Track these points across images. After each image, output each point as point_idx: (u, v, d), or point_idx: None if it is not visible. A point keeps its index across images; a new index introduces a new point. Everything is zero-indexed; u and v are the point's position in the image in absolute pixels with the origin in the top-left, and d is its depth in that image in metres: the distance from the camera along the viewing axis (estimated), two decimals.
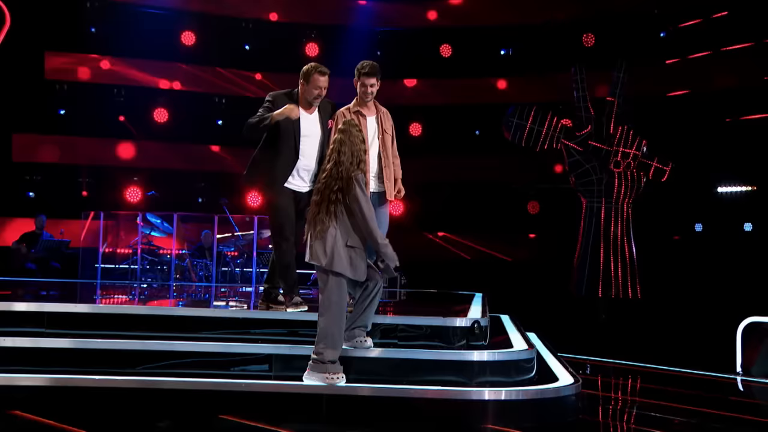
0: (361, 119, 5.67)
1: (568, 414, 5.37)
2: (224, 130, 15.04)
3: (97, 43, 14.43)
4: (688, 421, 5.65)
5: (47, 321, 5.69)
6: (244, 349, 5.20)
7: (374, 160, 5.70)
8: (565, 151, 12.23)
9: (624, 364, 8.63)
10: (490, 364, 5.36)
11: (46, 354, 5.29)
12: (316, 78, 5.57)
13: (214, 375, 5.04)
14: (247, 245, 11.61)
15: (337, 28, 15.27)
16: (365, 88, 5.72)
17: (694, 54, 13.47)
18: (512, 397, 5.13)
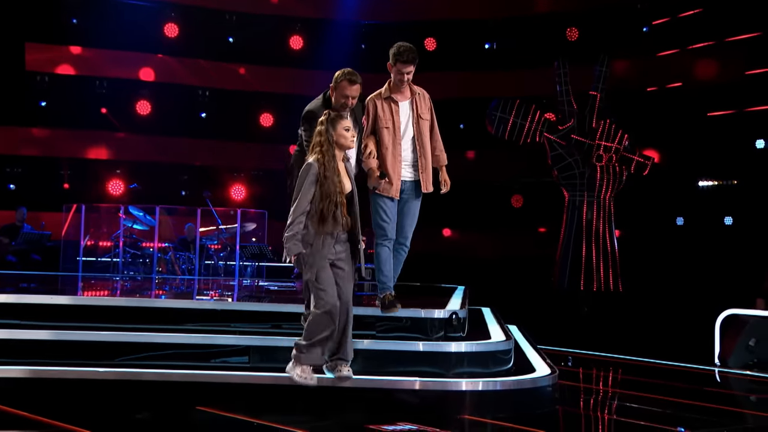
0: (393, 106, 5.34)
1: (544, 404, 5.47)
2: (207, 122, 15.02)
3: (79, 35, 14.37)
4: (663, 411, 5.74)
5: (26, 312, 5.70)
6: (223, 340, 5.25)
7: (408, 148, 5.36)
8: (548, 144, 12.31)
9: (605, 356, 8.74)
10: (468, 355, 5.44)
11: (24, 346, 5.30)
12: (343, 86, 5.15)
13: (193, 366, 5.08)
14: (230, 238, 11.62)
15: (321, 21, 15.28)
16: (401, 76, 5.29)
17: (674, 49, 13.57)
18: (489, 388, 5.21)
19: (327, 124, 4.82)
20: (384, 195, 5.35)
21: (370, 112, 5.34)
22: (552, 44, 14.23)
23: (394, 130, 5.29)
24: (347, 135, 4.86)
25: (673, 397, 6.42)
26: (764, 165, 12.42)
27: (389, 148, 5.29)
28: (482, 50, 15.42)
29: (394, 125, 5.30)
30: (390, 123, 5.29)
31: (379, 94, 5.38)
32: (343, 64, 16.98)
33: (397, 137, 5.30)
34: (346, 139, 4.85)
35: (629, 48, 13.75)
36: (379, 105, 5.32)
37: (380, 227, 5.39)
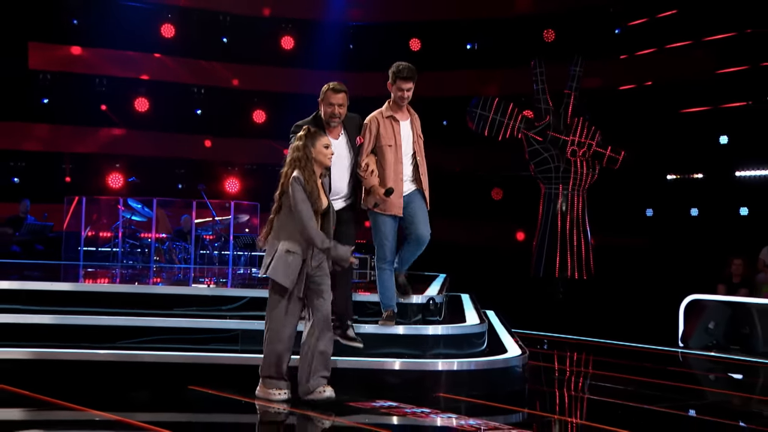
0: (395, 125, 5.20)
1: (515, 383, 5.59)
2: (203, 119, 15.04)
3: (80, 35, 14.33)
4: (625, 388, 5.90)
5: (30, 298, 5.75)
6: (215, 325, 5.33)
7: (409, 165, 5.24)
8: (525, 140, 12.43)
9: (577, 338, 8.89)
10: (444, 338, 5.54)
11: (28, 329, 5.35)
12: (329, 95, 5.04)
13: (186, 349, 5.15)
14: (224, 229, 11.69)
15: (311, 23, 15.31)
16: (401, 93, 5.15)
17: (646, 49, 13.69)
18: (464, 368, 5.32)
19: (306, 139, 4.65)
20: (385, 214, 5.19)
21: (372, 131, 5.17)
22: (530, 45, 14.30)
23: (396, 148, 5.17)
24: (326, 152, 4.68)
25: (637, 376, 6.58)
26: (727, 160, 12.58)
27: (392, 166, 5.15)
28: (464, 50, 15.49)
29: (396, 143, 5.17)
30: (392, 141, 5.17)
31: (380, 113, 5.23)
32: (332, 63, 17.09)
33: (398, 155, 5.17)
34: (324, 156, 4.67)
35: (602, 48, 13.85)
36: (381, 123, 5.18)
37: (380, 246, 5.25)
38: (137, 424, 4.12)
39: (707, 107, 12.86)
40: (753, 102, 12.30)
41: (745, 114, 12.36)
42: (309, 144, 4.63)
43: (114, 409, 4.37)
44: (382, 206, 5.15)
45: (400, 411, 4.59)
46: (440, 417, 4.55)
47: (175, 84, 14.72)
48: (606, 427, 4.54)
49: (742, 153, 12.34)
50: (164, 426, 4.09)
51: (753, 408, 5.74)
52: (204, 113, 15.01)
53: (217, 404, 4.70)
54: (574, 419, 4.83)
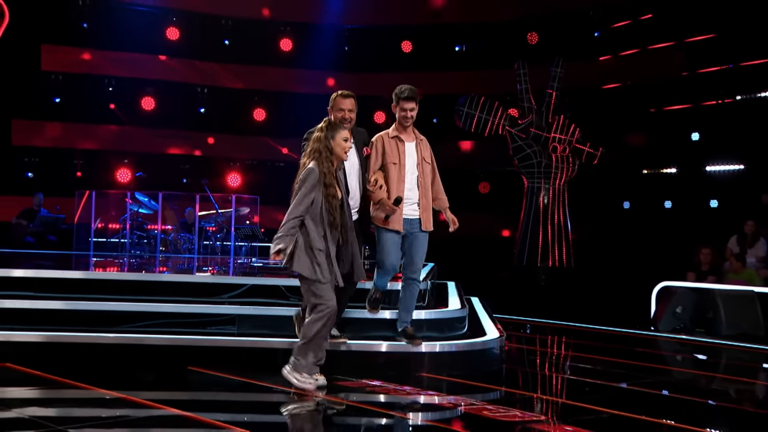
0: (400, 145, 5.11)
1: (493, 363, 5.71)
2: (206, 117, 15.09)
3: (90, 38, 14.34)
4: (594, 368, 6.02)
5: (43, 285, 5.83)
6: (214, 310, 5.42)
7: (413, 188, 5.12)
8: (509, 137, 12.51)
9: (557, 323, 9.01)
10: (427, 322, 5.66)
11: (41, 314, 5.45)
12: (338, 101, 5.03)
13: (187, 332, 5.24)
14: (226, 221, 11.77)
15: (308, 26, 15.34)
16: (405, 113, 5.09)
17: (624, 51, 13.77)
18: (445, 350, 5.43)
19: (326, 130, 4.49)
20: (388, 228, 5.07)
21: (378, 148, 5.10)
22: (515, 47, 14.37)
23: (400, 167, 5.07)
24: (344, 145, 4.52)
25: (607, 357, 6.70)
26: (699, 156, 12.68)
27: (394, 183, 5.04)
28: (453, 52, 15.55)
29: (400, 162, 5.07)
30: (397, 159, 5.07)
31: (386, 133, 5.17)
32: (327, 64, 17.06)
33: (401, 173, 5.07)
34: (342, 150, 4.51)
35: (582, 50, 13.93)
36: (387, 142, 5.11)
37: (381, 262, 5.15)
38: (141, 402, 4.21)
39: (680, 106, 12.96)
40: (722, 101, 12.40)
41: (715, 112, 12.46)
42: (329, 135, 4.48)
43: (120, 387, 4.46)
44: (386, 221, 5.02)
45: (385, 389, 4.70)
46: (423, 395, 4.66)
47: (179, 84, 14.75)
48: (572, 402, 4.66)
49: (712, 149, 12.44)
50: (166, 403, 4.20)
51: (713, 386, 5.87)
52: (207, 112, 15.05)
53: (214, 383, 4.80)
54: (545, 396, 4.95)
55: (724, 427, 4.24)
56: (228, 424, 3.79)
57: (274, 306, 5.37)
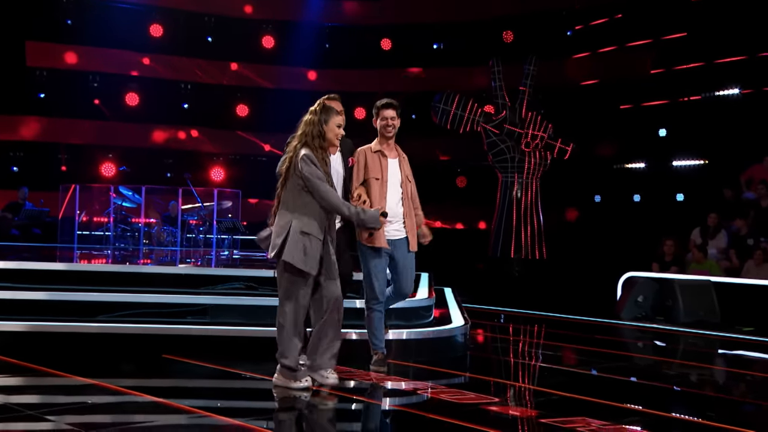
0: (383, 160, 4.83)
1: (457, 350, 5.86)
2: (189, 113, 15.11)
3: (74, 35, 14.32)
4: (554, 354, 6.20)
5: (26, 277, 5.89)
6: (187, 300, 5.52)
7: (397, 205, 4.82)
8: (484, 133, 12.67)
9: (528, 312, 9.18)
10: (396, 311, 5.77)
11: (24, 305, 5.50)
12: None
13: (162, 321, 5.33)
14: (208, 215, 11.85)
15: (290, 23, 15.39)
16: (385, 121, 4.83)
17: (595, 50, 13.95)
18: (412, 337, 5.56)
19: (321, 114, 4.11)
20: (373, 246, 4.73)
21: (360, 162, 4.82)
22: (491, 45, 14.52)
23: (383, 183, 4.79)
24: (338, 132, 4.15)
25: (570, 344, 6.89)
26: (666, 151, 12.92)
27: (377, 199, 4.74)
28: (431, 50, 15.67)
29: (383, 178, 4.79)
30: (379, 174, 4.80)
31: (369, 148, 4.90)
32: (309, 61, 17.12)
33: (383, 189, 4.77)
34: (335, 136, 4.15)
35: (555, 49, 14.10)
36: (369, 156, 4.83)
37: (369, 286, 4.82)
38: (117, 389, 4.29)
39: (648, 103, 13.18)
40: (688, 99, 12.64)
41: (681, 109, 12.69)
42: (323, 119, 4.11)
43: (97, 375, 4.52)
44: (370, 238, 4.71)
45: (354, 375, 4.83)
46: (391, 380, 4.79)
47: (163, 80, 14.77)
48: (528, 386, 4.83)
49: (679, 145, 12.68)
50: (141, 390, 4.28)
51: (664, 370, 6.06)
52: (190, 107, 15.08)
53: (187, 370, 4.89)
54: (504, 380, 5.11)
55: (667, 407, 4.42)
56: (201, 410, 3.88)
57: (245, 296, 5.47)
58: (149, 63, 14.78)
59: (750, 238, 9.75)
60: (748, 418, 4.31)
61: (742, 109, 11.81)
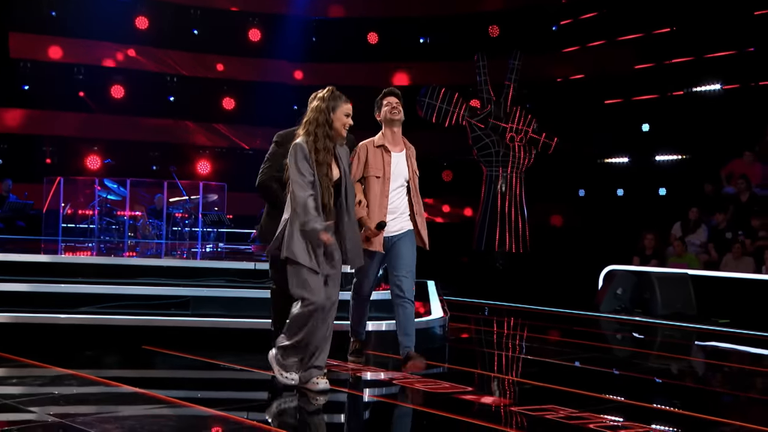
0: (386, 156, 4.51)
1: (436, 341, 5.96)
2: (175, 105, 15.10)
3: (58, 26, 14.26)
4: (530, 345, 6.33)
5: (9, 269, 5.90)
6: (168, 291, 5.59)
7: (396, 200, 4.52)
8: (469, 127, 12.77)
9: (512, 305, 9.30)
10: (374, 303, 5.85)
11: (6, 296, 5.52)
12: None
13: (142, 313, 5.40)
14: (194, 208, 11.89)
15: (276, 17, 15.40)
16: (389, 107, 4.54)
17: (580, 45, 14.06)
18: (391, 329, 5.62)
19: (329, 101, 3.85)
20: (367, 250, 4.44)
21: (361, 158, 4.51)
22: (477, 40, 14.60)
23: (384, 180, 4.46)
24: (345, 121, 3.90)
25: (548, 336, 7.02)
26: (649, 145, 13.07)
27: (377, 198, 4.45)
28: (417, 44, 15.73)
29: (385, 175, 4.47)
30: (380, 172, 4.47)
31: (371, 142, 4.56)
32: (295, 55, 17.11)
33: (385, 188, 4.45)
34: (342, 126, 3.90)
35: (540, 44, 14.20)
36: (371, 152, 4.51)
37: (358, 282, 4.65)
38: (98, 379, 4.36)
39: (632, 98, 13.32)
40: (671, 94, 12.79)
41: (664, 105, 12.84)
42: (331, 106, 3.86)
43: (78, 366, 4.59)
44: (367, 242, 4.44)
45: (332, 366, 4.92)
46: (370, 371, 4.88)
47: (149, 73, 14.73)
48: (502, 375, 4.95)
49: (661, 140, 12.83)
50: (122, 381, 4.35)
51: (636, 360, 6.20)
52: (176, 100, 15.07)
53: (167, 360, 4.97)
54: (479, 371, 5.23)
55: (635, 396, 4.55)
56: (182, 400, 3.96)
57: (227, 288, 5.55)
58: (135, 55, 14.74)
59: (729, 232, 9.92)
60: (717, 406, 4.45)
61: (723, 105, 11.97)
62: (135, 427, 3.41)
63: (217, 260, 6.23)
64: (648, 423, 3.74)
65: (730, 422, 3.92)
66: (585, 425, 3.62)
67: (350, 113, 3.95)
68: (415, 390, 4.32)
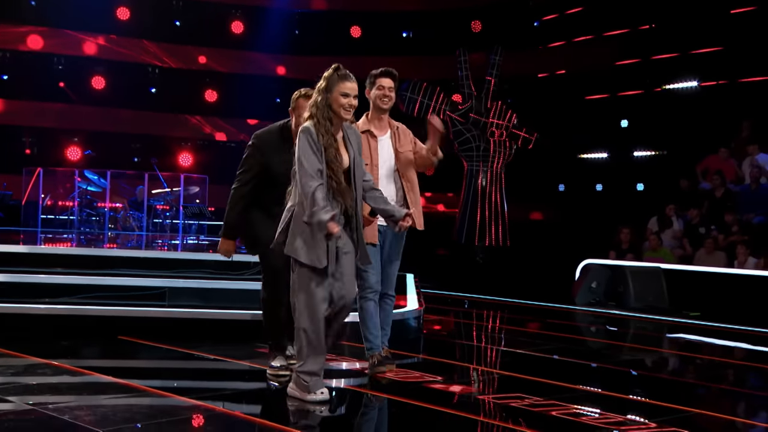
0: (372, 141, 4.25)
1: (411, 333, 6.08)
2: (157, 97, 15.07)
3: (39, 16, 14.15)
4: (504, 336, 6.46)
5: None
6: (145, 282, 5.65)
7: (389, 185, 4.29)
8: (450, 122, 12.88)
9: (491, 299, 9.43)
10: None
11: None
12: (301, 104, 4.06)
13: (119, 303, 5.46)
14: (175, 200, 11.90)
15: (259, 9, 15.39)
16: (382, 91, 4.25)
17: (561, 41, 14.21)
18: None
19: (327, 80, 3.59)
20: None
21: None
22: (459, 35, 14.69)
23: (372, 168, 4.20)
24: (342, 102, 3.55)
25: (521, 328, 7.15)
26: (628, 141, 13.25)
27: None
28: (400, 38, 15.80)
29: (372, 161, 4.22)
30: (368, 159, 4.18)
31: (355, 126, 4.11)
32: (278, 47, 17.10)
33: (374, 175, 4.17)
34: (339, 107, 3.56)
35: (522, 40, 14.33)
36: None
37: (360, 276, 4.26)
38: (74, 369, 4.42)
39: (611, 94, 13.49)
40: (649, 91, 12.98)
41: (642, 101, 13.03)
42: (328, 87, 3.57)
43: (54, 356, 4.63)
44: None
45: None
46: (345, 362, 4.98)
47: (130, 63, 14.67)
48: (473, 366, 5.07)
49: (640, 136, 13.02)
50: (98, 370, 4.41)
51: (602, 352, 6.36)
52: (158, 91, 15.02)
53: (142, 351, 5.03)
54: (450, 361, 5.35)
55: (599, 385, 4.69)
56: (156, 389, 4.03)
57: (203, 279, 5.61)
58: (116, 46, 14.67)
59: (702, 227, 10.13)
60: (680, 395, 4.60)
61: (700, 102, 12.17)
62: (107, 414, 3.48)
63: (194, 252, 6.29)
64: (609, 410, 3.87)
65: (686, 409, 4.07)
66: (547, 412, 3.75)
67: (350, 93, 3.58)
68: (386, 379, 4.42)
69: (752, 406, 4.49)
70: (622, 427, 3.58)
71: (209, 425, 3.56)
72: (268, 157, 4.14)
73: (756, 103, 11.43)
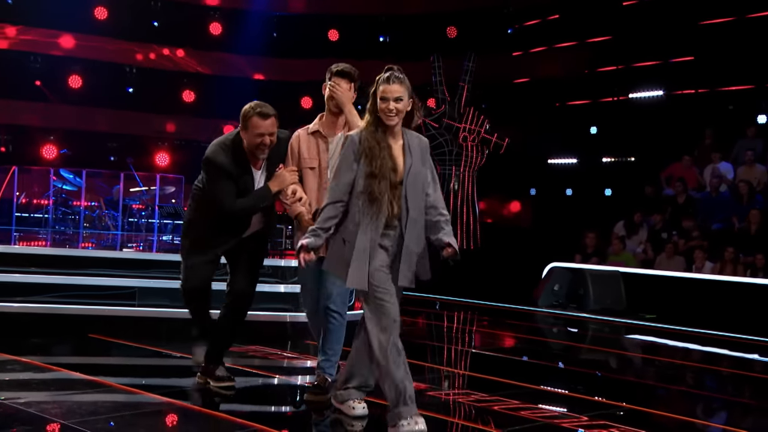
0: (321, 143, 3.94)
1: None
2: (134, 97, 15.14)
3: (15, 14, 14.17)
4: (463, 337, 6.73)
5: None
6: (115, 282, 5.82)
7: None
8: (423, 126, 13.13)
9: (460, 300, 9.68)
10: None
11: None
12: (255, 123, 3.81)
13: (90, 303, 5.63)
14: (150, 199, 12.03)
15: (237, 11, 15.54)
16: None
17: (533, 48, 14.55)
18: None
19: (375, 83, 3.42)
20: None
21: (294, 150, 3.95)
22: (434, 40, 14.96)
23: (320, 171, 3.91)
24: (381, 106, 3.33)
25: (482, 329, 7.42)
26: (596, 148, 13.62)
27: (313, 193, 3.89)
28: (377, 42, 16.04)
29: (320, 165, 3.91)
30: (315, 162, 3.91)
31: (306, 129, 4.00)
32: (256, 49, 17.17)
33: (322, 179, 3.88)
34: (381, 112, 3.34)
35: (496, 46, 14.64)
36: (304, 141, 3.95)
37: (302, 294, 4.14)
38: (44, 366, 4.59)
39: (581, 102, 13.86)
40: (617, 98, 13.36)
41: (611, 108, 13.41)
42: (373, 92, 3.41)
43: (25, 353, 4.78)
44: None
45: (264, 354, 5.20)
46: (309, 360, 5.21)
47: (107, 63, 14.72)
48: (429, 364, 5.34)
49: (608, 142, 13.39)
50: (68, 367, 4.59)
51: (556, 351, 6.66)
52: (135, 92, 15.11)
53: (112, 348, 5.22)
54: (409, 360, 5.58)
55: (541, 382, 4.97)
56: (124, 385, 4.21)
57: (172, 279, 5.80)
58: (93, 45, 14.72)
59: (664, 232, 10.49)
60: (620, 393, 4.89)
61: (666, 111, 12.56)
62: (73, 408, 3.67)
63: (165, 252, 6.47)
64: (548, 405, 4.15)
65: (620, 405, 4.36)
66: (490, 407, 4.02)
67: (389, 97, 3.34)
68: None
69: (691, 404, 4.79)
70: (555, 420, 3.86)
71: (170, 417, 3.77)
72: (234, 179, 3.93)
73: (719, 112, 11.85)
